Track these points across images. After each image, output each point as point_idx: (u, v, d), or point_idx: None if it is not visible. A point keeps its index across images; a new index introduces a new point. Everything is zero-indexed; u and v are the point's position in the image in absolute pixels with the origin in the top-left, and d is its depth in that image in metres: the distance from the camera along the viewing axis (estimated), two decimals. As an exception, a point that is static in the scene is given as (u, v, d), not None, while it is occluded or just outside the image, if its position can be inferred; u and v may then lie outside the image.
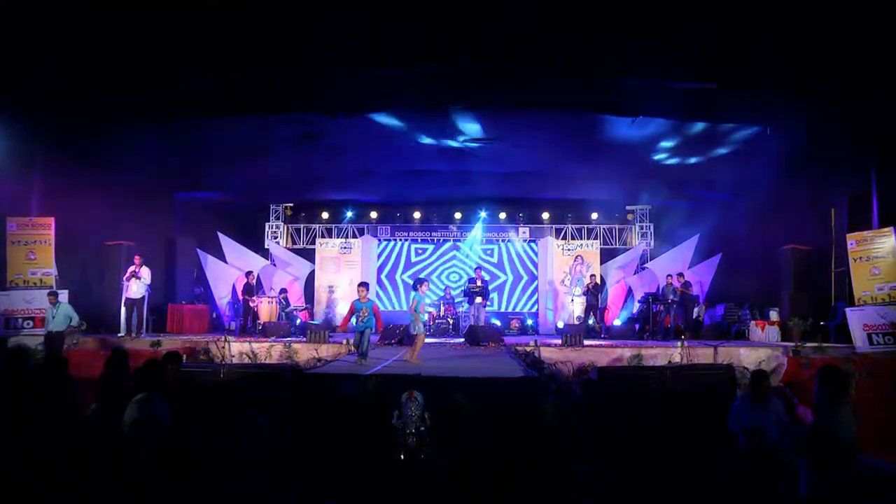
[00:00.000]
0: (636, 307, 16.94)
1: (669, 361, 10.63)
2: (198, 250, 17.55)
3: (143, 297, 12.83)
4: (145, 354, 9.54)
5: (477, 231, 18.73)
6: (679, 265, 16.87)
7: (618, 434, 7.50)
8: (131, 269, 12.75)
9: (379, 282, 19.02)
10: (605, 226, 18.73)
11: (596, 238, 18.59)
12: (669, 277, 14.97)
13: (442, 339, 14.00)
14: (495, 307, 18.45)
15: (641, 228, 18.52)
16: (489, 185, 16.32)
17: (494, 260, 19.10)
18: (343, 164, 14.81)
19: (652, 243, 18.39)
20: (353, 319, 9.21)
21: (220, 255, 18.07)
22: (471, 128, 12.10)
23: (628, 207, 18.55)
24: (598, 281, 16.38)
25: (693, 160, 13.41)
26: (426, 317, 9.47)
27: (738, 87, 9.65)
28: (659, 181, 15.27)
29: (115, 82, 9.65)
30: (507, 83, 9.83)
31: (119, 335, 12.53)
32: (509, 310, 18.72)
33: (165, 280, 16.05)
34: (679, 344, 11.29)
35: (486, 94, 10.27)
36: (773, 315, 13.46)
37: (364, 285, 9.39)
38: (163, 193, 16.36)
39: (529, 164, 14.68)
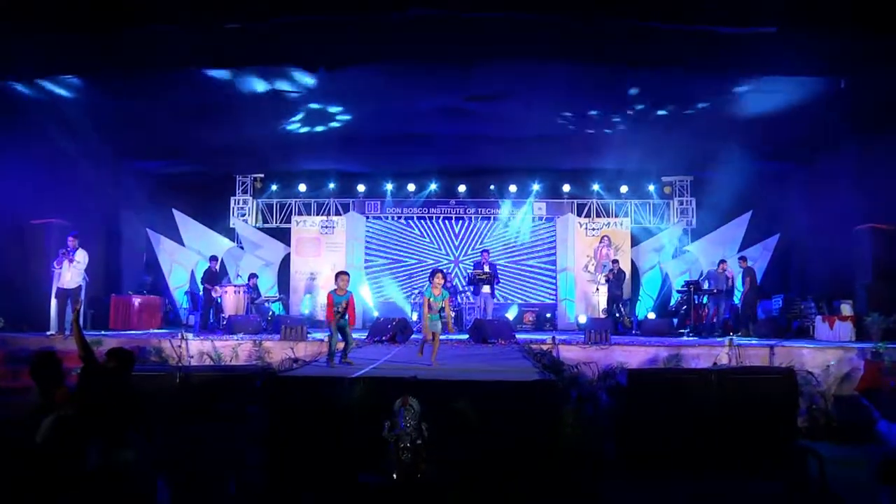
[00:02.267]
0: (674, 298, 16.97)
1: (715, 363, 10.61)
2: (148, 230, 17.57)
3: (78, 287, 12.60)
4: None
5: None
6: (728, 248, 16.91)
7: (652, 451, 7.46)
8: (64, 252, 12.50)
9: (367, 268, 19.01)
10: (636, 201, 18.72)
11: (626, 216, 18.59)
12: (722, 263, 14.88)
13: (442, 336, 13.85)
14: (503, 296, 18.45)
15: (681, 204, 18.49)
16: (498, 152, 16.34)
17: (503, 239, 19.13)
18: (323, 126, 14.71)
19: (693, 222, 18.37)
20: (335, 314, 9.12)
21: (176, 237, 18.07)
22: (478, 82, 11.95)
23: (665, 179, 18.48)
24: (621, 267, 16.41)
25: (744, 119, 13.20)
26: (436, 315, 9.43)
27: (802, 31, 9.45)
28: (703, 145, 15.11)
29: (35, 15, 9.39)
30: (532, 29, 9.67)
31: (49, 333, 12.36)
32: (522, 301, 18.78)
33: (107, 266, 16.00)
34: (727, 342, 11.22)
35: (502, 42, 10.12)
36: (846, 309, 13.31)
37: (345, 274, 9.28)
38: (103, 161, 16.04)
39: (546, 126, 14.58)
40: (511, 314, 17.83)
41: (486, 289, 14.97)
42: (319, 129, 14.71)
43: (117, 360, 6.00)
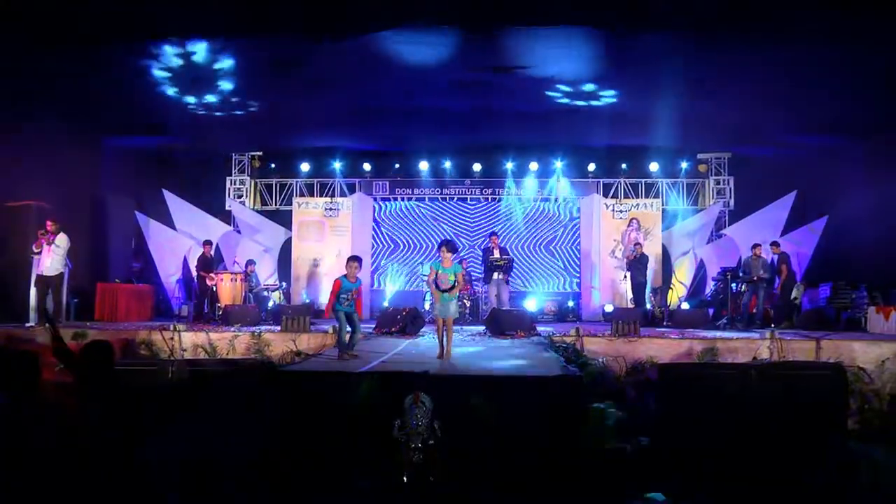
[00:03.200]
0: (710, 286, 16.92)
1: (755, 358, 10.57)
2: (136, 213, 17.55)
3: (60, 275, 12.59)
4: None
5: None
6: (769, 231, 16.74)
7: (684, 453, 7.39)
8: (42, 235, 12.46)
9: (374, 253, 19.02)
10: (668, 180, 18.69)
11: (656, 196, 18.56)
12: (756, 248, 14.75)
13: (456, 327, 13.87)
14: (523, 284, 18.50)
15: (718, 183, 18.42)
16: (517, 128, 16.27)
17: (522, 222, 19.12)
18: (328, 100, 14.63)
19: (731, 203, 18.29)
20: (340, 301, 9.15)
21: (167, 220, 18.08)
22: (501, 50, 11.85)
23: (700, 156, 18.41)
24: (644, 251, 16.35)
25: (793, 87, 13.00)
26: (448, 295, 9.29)
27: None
28: (743, 118, 14.95)
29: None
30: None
31: (28, 325, 12.37)
32: (543, 288, 18.78)
33: (92, 252, 16.00)
34: (768, 335, 11.16)
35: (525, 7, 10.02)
36: (904, 298, 13.26)
37: (358, 260, 9.32)
38: (86, 137, 16.06)
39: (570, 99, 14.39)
40: (531, 304, 17.79)
41: (498, 275, 14.87)
42: (323, 102, 14.64)
43: (92, 355, 5.87)
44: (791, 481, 6.81)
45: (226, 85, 13.40)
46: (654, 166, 18.42)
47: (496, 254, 15.01)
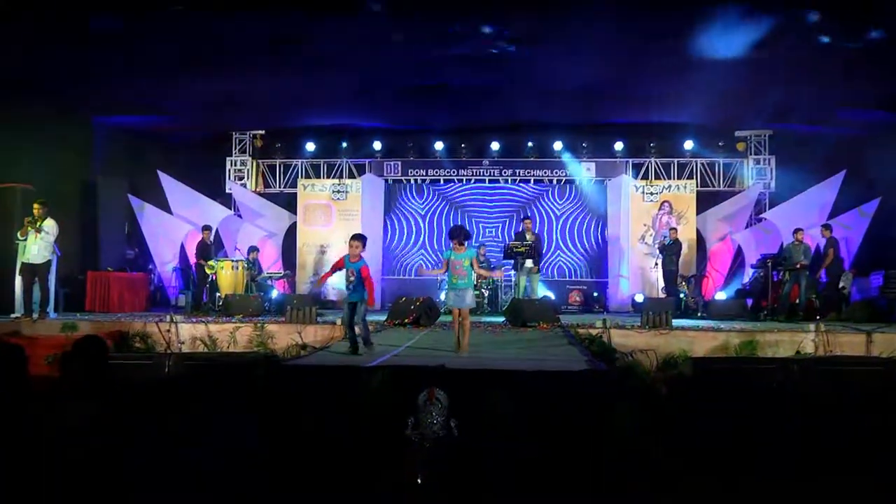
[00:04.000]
0: (749, 274, 16.83)
1: (798, 352, 10.55)
2: (130, 197, 17.56)
3: (48, 262, 12.62)
4: (55, 344, 9.45)
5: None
6: (814, 214, 16.68)
7: (720, 455, 7.22)
8: (28, 220, 12.45)
9: (386, 239, 19.08)
10: (703, 160, 18.56)
11: (690, 177, 18.44)
12: (799, 233, 14.66)
13: (473, 318, 13.89)
14: (544, 272, 18.23)
15: (757, 163, 18.31)
16: (539, 104, 16.20)
17: (544, 205, 19.17)
18: (333, 79, 14.72)
19: (773, 184, 18.18)
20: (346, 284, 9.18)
21: (163, 204, 18.09)
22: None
23: (738, 133, 18.27)
24: (678, 237, 16.32)
25: (844, 57, 12.83)
26: (464, 283, 9.22)
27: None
28: (787, 91, 14.79)
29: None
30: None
31: (13, 316, 12.47)
32: (568, 277, 18.81)
33: (83, 238, 16.07)
34: (813, 327, 11.15)
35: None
36: (967, 289, 13.17)
37: (359, 238, 9.19)
38: (76, 116, 16.13)
39: (594, 74, 14.43)
40: (554, 293, 17.74)
41: (528, 263, 14.83)
42: (331, 78, 14.65)
43: (84, 353, 5.84)
44: (838, 487, 6.71)
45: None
46: (687, 144, 18.33)
47: (527, 239, 14.99)
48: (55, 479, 4.87)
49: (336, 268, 9.13)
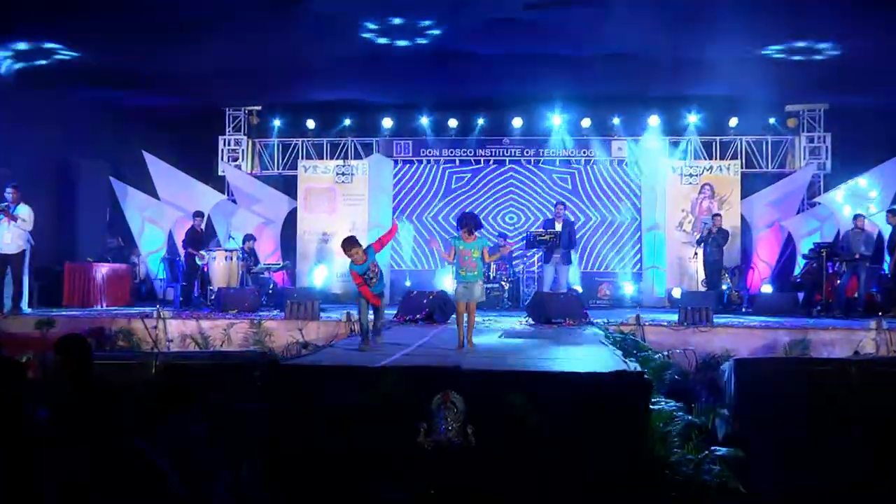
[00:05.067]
0: (800, 265, 16.80)
1: (856, 352, 10.53)
2: (111, 180, 17.62)
3: (21, 253, 12.74)
4: (30, 342, 9.58)
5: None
6: (875, 198, 16.62)
7: (770, 468, 7.28)
8: (2, 208, 12.60)
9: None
10: (749, 138, 18.51)
11: (734, 157, 18.41)
12: (859, 219, 14.60)
13: (493, 314, 14.11)
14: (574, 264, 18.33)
15: (810, 141, 18.22)
16: (565, 77, 16.13)
17: (570, 189, 19.19)
18: (338, 43, 14.56)
19: (828, 165, 18.10)
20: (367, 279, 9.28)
21: (149, 188, 18.14)
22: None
23: (789, 107, 18.18)
24: (722, 225, 16.21)
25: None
26: (474, 272, 9.21)
27: None
28: (845, 60, 14.59)
29: None
30: None
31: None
32: (596, 269, 18.88)
33: (59, 226, 16.16)
34: (873, 324, 11.12)
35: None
36: None
37: (349, 242, 9.20)
38: (50, 90, 16.05)
39: (627, 40, 14.33)
40: (581, 286, 17.68)
41: (557, 255, 14.88)
42: (333, 45, 14.59)
43: (65, 353, 5.94)
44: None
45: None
46: (732, 121, 18.26)
47: (558, 226, 15.02)
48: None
49: (359, 278, 9.16)
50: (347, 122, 18.90)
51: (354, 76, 16.60)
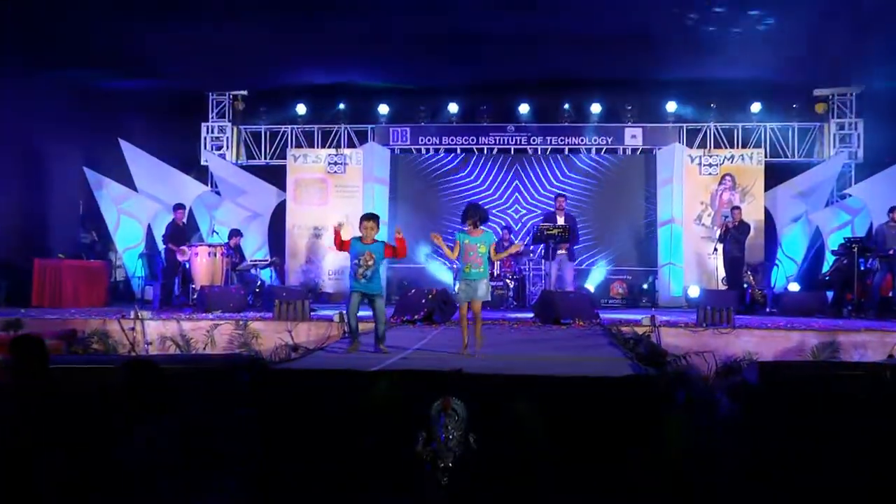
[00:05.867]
0: (829, 262, 16.77)
1: (891, 355, 10.57)
2: (85, 170, 17.63)
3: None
4: None
5: None
6: None
7: (794, 479, 7.05)
8: None
9: (392, 220, 18.92)
10: (774, 124, 18.49)
11: (758, 146, 18.41)
12: (895, 212, 14.54)
13: (497, 314, 14.24)
14: (581, 260, 18.42)
15: (841, 128, 18.22)
16: (574, 58, 16.25)
17: (580, 179, 19.18)
18: (332, 21, 14.62)
19: (860, 153, 18.08)
20: (356, 267, 9.24)
21: (125, 178, 18.08)
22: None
23: (818, 91, 18.14)
24: (743, 218, 16.22)
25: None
26: (479, 269, 9.20)
27: None
28: (880, 38, 14.56)
29: None
30: None
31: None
32: (608, 265, 18.98)
33: (27, 219, 16.18)
34: None
35: None
36: None
37: (372, 218, 9.40)
38: (15, 70, 15.96)
39: (644, 18, 14.41)
40: (593, 284, 17.83)
41: (561, 250, 14.89)
42: (329, 23, 14.64)
43: (19, 354, 6.03)
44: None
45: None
46: (755, 107, 18.24)
47: (560, 220, 15.13)
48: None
49: (339, 247, 9.25)
50: (341, 107, 18.90)
51: (349, 58, 16.65)
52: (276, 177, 19.01)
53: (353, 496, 6.59)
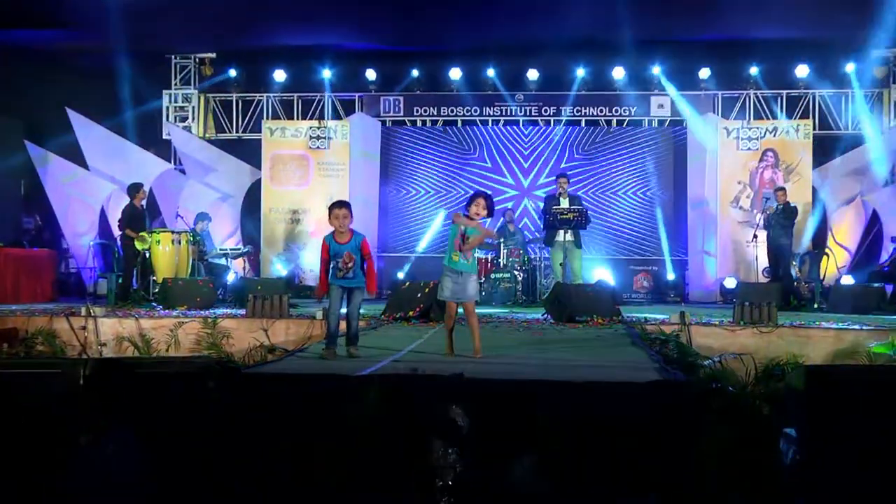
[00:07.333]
0: (888, 251, 16.85)
1: None
2: (27, 145, 17.55)
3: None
4: None
5: None
6: None
7: (849, 499, 6.79)
8: None
9: (383, 202, 19.16)
10: (824, 91, 18.49)
11: (805, 116, 18.43)
12: None
13: (504, 311, 14.44)
14: (600, 248, 18.63)
15: None
16: (591, 17, 16.11)
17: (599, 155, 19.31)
18: None
19: None
20: (335, 270, 9.15)
21: (75, 154, 18.01)
22: None
23: (877, 53, 17.92)
24: (788, 201, 16.15)
25: None
26: (469, 261, 9.17)
27: None
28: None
29: None
30: None
31: None
32: (631, 254, 19.18)
33: None
34: None
35: None
36: None
37: (344, 205, 9.20)
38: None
39: None
40: (613, 277, 17.83)
41: (565, 236, 14.91)
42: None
43: None
44: None
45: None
46: (801, 70, 18.17)
47: (564, 203, 15.05)
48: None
49: (325, 261, 9.15)
50: (325, 73, 18.86)
51: (333, 16, 16.75)
52: (249, 153, 19.11)
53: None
